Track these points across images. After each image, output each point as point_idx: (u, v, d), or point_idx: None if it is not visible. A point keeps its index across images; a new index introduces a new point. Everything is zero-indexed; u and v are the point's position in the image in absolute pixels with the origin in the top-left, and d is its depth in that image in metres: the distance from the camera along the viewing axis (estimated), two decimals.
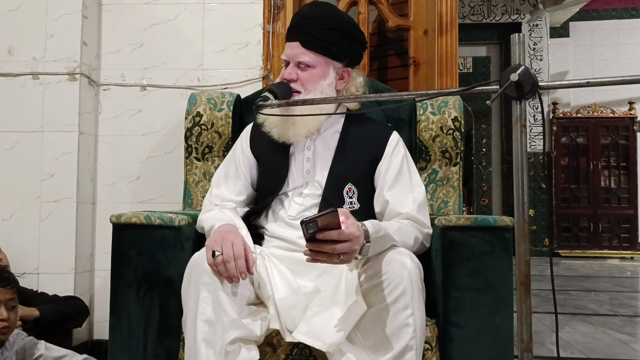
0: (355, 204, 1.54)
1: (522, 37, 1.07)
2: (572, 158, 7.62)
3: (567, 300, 4.09)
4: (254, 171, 1.66)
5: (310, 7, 1.63)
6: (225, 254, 1.27)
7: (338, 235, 1.18)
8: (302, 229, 1.15)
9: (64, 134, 2.24)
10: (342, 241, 1.19)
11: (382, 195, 1.55)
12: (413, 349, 1.25)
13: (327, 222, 1.16)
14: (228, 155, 1.74)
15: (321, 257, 1.20)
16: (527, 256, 1.06)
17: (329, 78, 1.56)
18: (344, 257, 1.21)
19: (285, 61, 1.59)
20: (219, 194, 1.63)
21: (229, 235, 1.33)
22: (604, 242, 7.47)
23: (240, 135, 1.73)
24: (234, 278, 1.28)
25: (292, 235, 1.51)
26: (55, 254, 2.21)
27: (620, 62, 7.80)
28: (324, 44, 1.54)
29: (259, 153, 1.65)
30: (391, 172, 1.56)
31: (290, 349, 1.38)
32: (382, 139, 1.60)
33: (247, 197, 1.66)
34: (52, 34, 2.27)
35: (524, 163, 1.05)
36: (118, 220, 1.49)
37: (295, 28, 1.57)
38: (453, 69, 2.40)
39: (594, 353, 2.58)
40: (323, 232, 1.17)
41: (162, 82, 2.39)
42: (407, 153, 1.62)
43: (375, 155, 1.58)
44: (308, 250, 1.20)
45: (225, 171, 1.67)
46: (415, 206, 1.52)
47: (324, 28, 1.54)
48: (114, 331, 1.48)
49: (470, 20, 7.63)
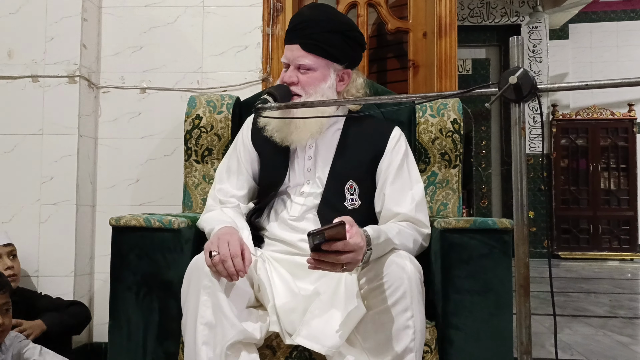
0: (356, 201, 1.55)
1: (521, 39, 1.07)
2: (571, 160, 7.62)
3: (567, 302, 4.09)
4: (256, 164, 1.66)
5: (310, 9, 1.63)
6: (221, 254, 1.28)
7: (343, 246, 1.19)
8: (309, 240, 1.16)
9: (64, 137, 2.24)
10: (346, 252, 1.19)
11: (382, 193, 1.55)
12: (413, 351, 1.26)
13: (333, 234, 1.17)
14: (230, 148, 1.73)
15: (324, 266, 1.21)
16: (526, 258, 1.06)
17: (330, 80, 1.56)
18: (347, 267, 1.22)
19: (285, 64, 1.59)
20: (222, 189, 1.63)
21: (226, 236, 1.33)
22: (603, 244, 7.46)
23: (241, 128, 1.72)
24: (233, 276, 1.28)
25: (292, 237, 1.51)
26: (54, 257, 2.21)
27: (620, 64, 7.80)
28: (325, 46, 1.54)
29: (261, 147, 1.64)
30: (392, 169, 1.56)
31: (289, 351, 1.38)
32: (384, 135, 1.60)
33: (250, 191, 1.66)
34: (51, 36, 2.27)
35: (523, 165, 1.05)
36: (117, 223, 1.49)
37: (295, 31, 1.56)
38: (452, 71, 2.40)
39: (594, 355, 2.58)
40: (329, 243, 1.17)
41: (161, 84, 2.39)
42: (408, 149, 1.62)
43: (376, 152, 1.58)
44: (312, 259, 1.20)
45: (227, 165, 1.67)
46: (413, 206, 1.51)
47: (325, 30, 1.54)
48: (114, 334, 1.48)
49: (470, 23, 7.63)
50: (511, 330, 1.39)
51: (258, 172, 1.66)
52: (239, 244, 1.31)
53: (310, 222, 1.53)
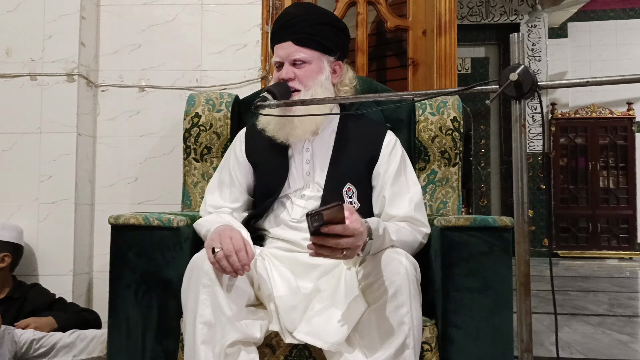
0: (355, 204, 1.54)
1: (521, 36, 1.06)
2: (570, 159, 7.63)
3: (566, 300, 4.09)
4: (250, 177, 1.65)
5: (294, 7, 1.65)
6: (225, 249, 1.27)
7: (342, 229, 1.18)
8: (307, 222, 1.15)
9: (62, 135, 2.23)
10: (346, 236, 1.19)
11: (381, 196, 1.56)
12: (409, 347, 1.25)
13: (332, 216, 1.16)
14: (221, 162, 1.73)
15: (325, 252, 1.20)
16: (526, 256, 1.06)
17: (325, 72, 1.59)
18: (347, 253, 1.21)
19: (277, 63, 1.59)
20: (213, 203, 1.62)
21: (227, 232, 1.32)
22: (602, 243, 7.47)
23: (233, 141, 1.72)
24: (238, 271, 1.27)
25: (295, 237, 1.51)
26: (53, 256, 2.21)
27: (619, 63, 7.81)
28: (317, 38, 1.56)
29: (256, 157, 1.64)
30: (389, 175, 1.56)
31: (289, 350, 1.38)
32: (377, 139, 1.61)
33: (244, 204, 1.65)
34: (50, 35, 2.26)
35: (524, 162, 1.05)
36: (116, 222, 1.48)
37: (284, 29, 1.57)
38: (452, 69, 2.39)
39: (593, 353, 2.58)
40: (327, 226, 1.17)
41: (160, 83, 2.38)
42: (404, 153, 1.63)
43: (372, 155, 1.59)
44: (312, 244, 1.20)
45: (219, 179, 1.66)
46: (412, 207, 1.52)
47: (314, 23, 1.57)
48: (113, 333, 1.48)
49: (469, 21, 7.63)
50: (511, 328, 1.39)
51: (252, 184, 1.66)
52: (241, 238, 1.31)
53: None
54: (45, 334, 1.91)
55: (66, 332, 1.94)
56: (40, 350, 1.87)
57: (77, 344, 1.91)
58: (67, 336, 1.92)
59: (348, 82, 1.66)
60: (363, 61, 2.56)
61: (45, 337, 1.90)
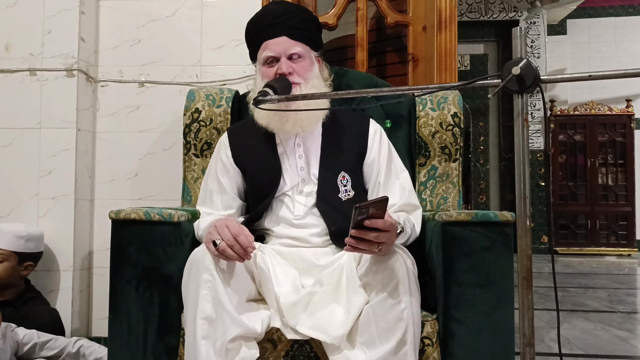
0: (350, 192, 1.56)
1: (523, 30, 1.06)
2: (569, 155, 7.62)
3: (565, 297, 4.10)
4: (240, 182, 1.64)
5: (277, 4, 1.67)
6: (225, 239, 1.26)
7: (383, 223, 1.20)
8: (354, 214, 1.16)
9: (62, 131, 2.23)
10: (385, 231, 1.20)
11: (376, 185, 1.59)
12: (407, 343, 1.25)
13: (376, 210, 1.17)
14: (206, 172, 1.71)
15: (362, 246, 1.22)
16: (528, 250, 1.06)
17: (316, 66, 1.63)
18: (383, 248, 1.23)
19: (270, 59, 1.57)
20: (206, 213, 1.62)
21: (222, 222, 1.31)
22: (601, 240, 7.47)
23: (216, 148, 1.70)
24: (244, 256, 1.27)
25: (300, 234, 1.52)
26: (53, 252, 2.20)
27: (618, 59, 7.80)
28: (307, 34, 1.61)
29: (245, 161, 1.63)
30: (381, 165, 1.60)
31: (290, 345, 1.38)
32: (363, 129, 1.64)
33: (237, 210, 1.64)
34: (49, 30, 2.25)
35: (526, 157, 1.04)
36: (117, 216, 1.48)
37: (275, 25, 1.58)
38: (452, 65, 2.39)
39: (593, 349, 2.58)
40: (370, 220, 1.18)
41: (160, 78, 2.37)
42: (388, 142, 1.67)
43: (360, 144, 1.62)
44: (351, 237, 1.21)
45: (207, 189, 1.66)
46: (405, 194, 1.57)
47: (304, 20, 1.62)
48: (114, 328, 1.47)
49: (468, 18, 7.62)
50: (512, 323, 1.39)
51: (243, 188, 1.65)
52: (236, 223, 1.30)
53: (315, 216, 1.54)
54: (50, 338, 1.90)
55: (71, 339, 1.96)
56: (49, 353, 1.88)
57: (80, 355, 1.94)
58: (71, 344, 1.93)
59: (328, 77, 1.69)
60: (363, 57, 2.55)
61: (51, 340, 1.90)
